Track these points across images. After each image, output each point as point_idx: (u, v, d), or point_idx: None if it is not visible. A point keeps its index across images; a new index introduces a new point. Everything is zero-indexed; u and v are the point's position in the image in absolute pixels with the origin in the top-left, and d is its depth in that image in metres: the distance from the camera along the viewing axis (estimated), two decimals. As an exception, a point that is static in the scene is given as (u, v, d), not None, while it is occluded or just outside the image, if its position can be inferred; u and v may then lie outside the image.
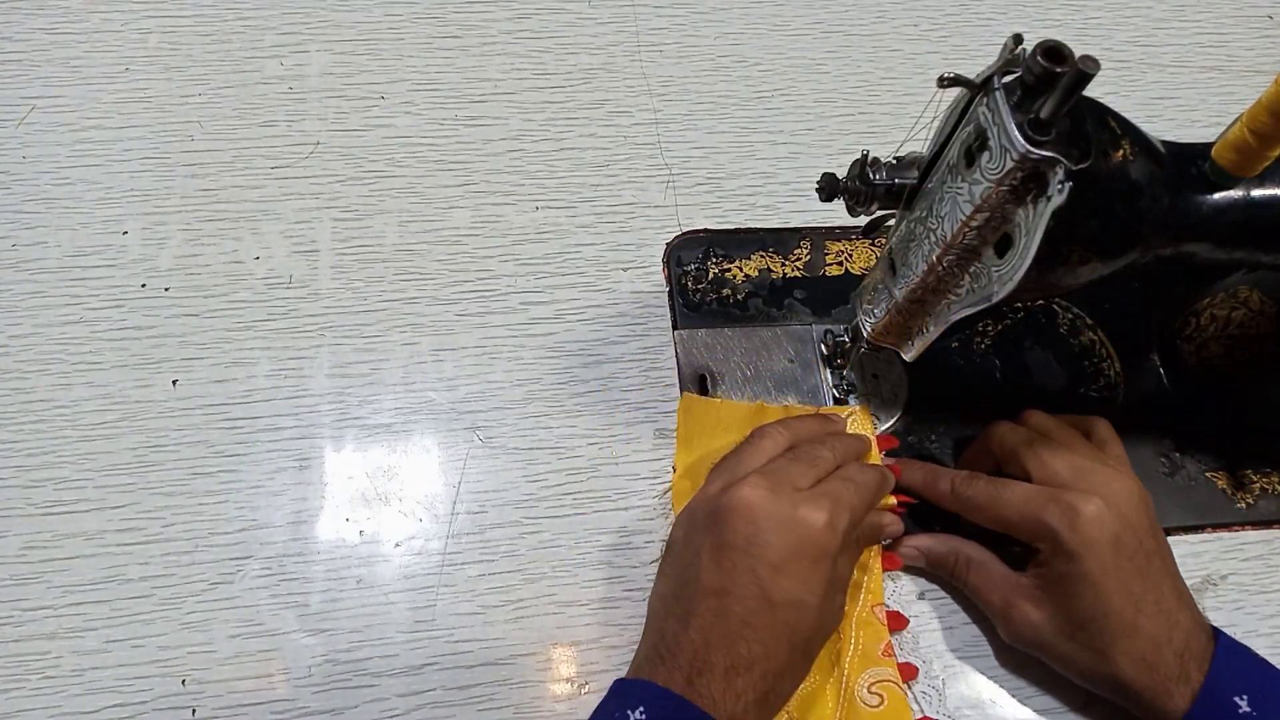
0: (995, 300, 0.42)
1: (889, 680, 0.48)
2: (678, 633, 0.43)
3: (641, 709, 0.40)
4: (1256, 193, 0.45)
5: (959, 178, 0.42)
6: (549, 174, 0.61)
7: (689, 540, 0.46)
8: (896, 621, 0.50)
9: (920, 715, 0.48)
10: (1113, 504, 0.46)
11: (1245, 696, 0.43)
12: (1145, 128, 0.43)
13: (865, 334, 0.51)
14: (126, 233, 0.57)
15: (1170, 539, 0.55)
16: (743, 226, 0.61)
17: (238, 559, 0.50)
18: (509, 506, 0.52)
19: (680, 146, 0.63)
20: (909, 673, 0.49)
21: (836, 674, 0.48)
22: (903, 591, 0.52)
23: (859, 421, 0.54)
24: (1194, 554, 0.55)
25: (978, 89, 0.40)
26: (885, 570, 0.52)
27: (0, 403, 0.52)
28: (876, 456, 0.53)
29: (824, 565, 0.44)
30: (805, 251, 0.61)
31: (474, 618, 0.49)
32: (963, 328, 0.49)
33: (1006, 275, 0.41)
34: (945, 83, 0.40)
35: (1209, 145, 0.45)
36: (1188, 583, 0.48)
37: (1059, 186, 0.37)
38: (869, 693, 0.47)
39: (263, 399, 0.53)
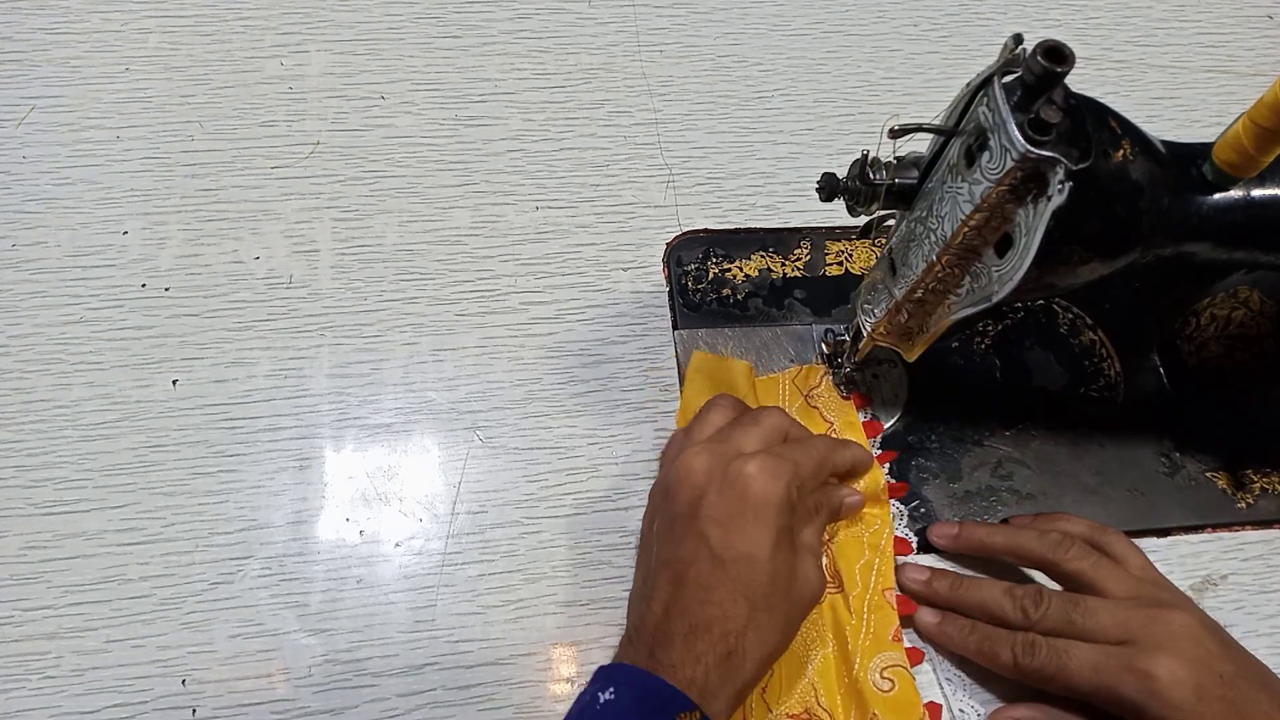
0: (995, 300, 0.42)
1: (899, 665, 0.49)
2: (644, 613, 0.44)
3: (611, 690, 0.40)
4: (1256, 193, 0.45)
5: (959, 178, 0.42)
6: (549, 174, 0.61)
7: (649, 526, 0.47)
8: (906, 606, 0.51)
9: (928, 702, 0.49)
10: (1181, 652, 0.44)
11: None
12: (1145, 128, 0.43)
13: (865, 334, 0.51)
14: (126, 233, 0.56)
15: (1170, 539, 0.55)
16: (743, 226, 0.61)
17: (238, 559, 0.50)
18: (509, 506, 0.52)
19: (680, 146, 0.63)
20: (916, 657, 0.50)
21: (848, 656, 0.49)
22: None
23: (850, 421, 0.55)
24: (1194, 554, 0.55)
25: (941, 131, 0.40)
26: (897, 555, 0.52)
27: (0, 403, 0.52)
28: (863, 440, 0.54)
29: (768, 518, 0.43)
30: (805, 251, 0.61)
31: (474, 618, 0.49)
32: (963, 328, 0.49)
33: (1006, 275, 0.41)
34: (897, 134, 0.40)
35: (1209, 145, 0.45)
36: (1187, 583, 0.47)
37: (1059, 186, 0.37)
38: (881, 677, 0.48)
39: (263, 399, 0.53)
